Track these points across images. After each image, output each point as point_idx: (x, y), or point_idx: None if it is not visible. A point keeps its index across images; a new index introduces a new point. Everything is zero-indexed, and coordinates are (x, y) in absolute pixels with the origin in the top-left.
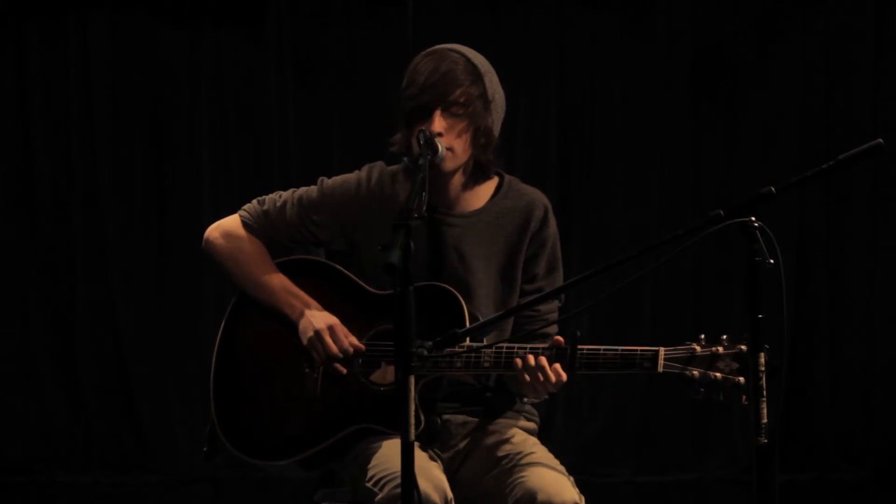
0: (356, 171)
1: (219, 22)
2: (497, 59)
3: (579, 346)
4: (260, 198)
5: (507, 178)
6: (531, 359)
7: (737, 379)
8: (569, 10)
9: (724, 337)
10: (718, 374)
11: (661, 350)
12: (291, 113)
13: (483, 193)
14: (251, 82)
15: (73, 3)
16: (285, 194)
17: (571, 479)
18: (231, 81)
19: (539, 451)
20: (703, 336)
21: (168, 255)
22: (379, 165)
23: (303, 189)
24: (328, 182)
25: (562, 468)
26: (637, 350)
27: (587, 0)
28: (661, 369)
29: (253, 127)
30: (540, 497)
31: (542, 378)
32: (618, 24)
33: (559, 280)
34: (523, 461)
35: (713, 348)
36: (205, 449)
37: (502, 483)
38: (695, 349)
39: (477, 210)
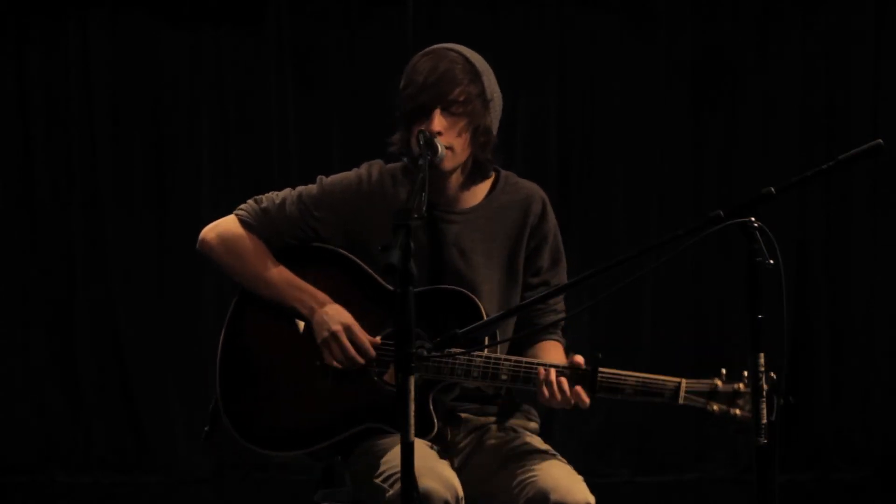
0: (355, 169)
1: (219, 22)
2: (497, 59)
3: (601, 369)
4: (256, 197)
5: (504, 173)
6: (553, 374)
7: None
8: (569, 10)
9: (746, 374)
10: (738, 412)
11: (684, 382)
12: (291, 113)
13: (480, 190)
14: (251, 82)
15: (74, 3)
16: (283, 193)
17: (581, 478)
18: (231, 81)
19: (545, 452)
20: (724, 371)
21: (168, 255)
22: (378, 163)
23: (301, 187)
24: (328, 179)
25: (570, 467)
26: (659, 379)
27: (587, 0)
28: (681, 401)
29: (253, 127)
30: (553, 497)
31: (559, 397)
32: (618, 24)
33: (563, 272)
34: (533, 460)
35: (735, 385)
36: (206, 428)
37: (512, 482)
38: (717, 385)
39: (475, 206)
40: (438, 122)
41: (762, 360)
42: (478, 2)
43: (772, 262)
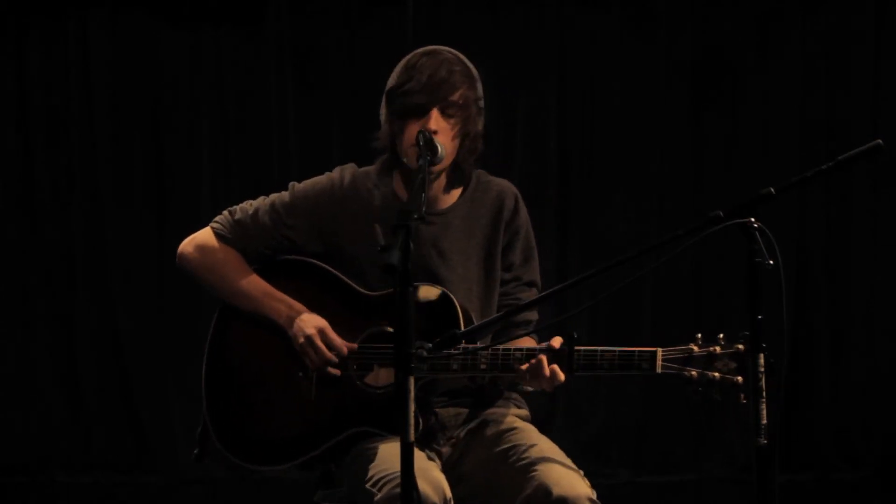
0: (327, 173)
1: (219, 22)
2: (497, 60)
3: (577, 347)
4: (231, 208)
5: (476, 171)
6: (532, 362)
7: (735, 378)
8: (569, 10)
9: (721, 336)
10: (716, 374)
11: (659, 351)
12: (291, 113)
13: (454, 190)
14: (251, 82)
15: (74, 3)
16: (256, 202)
17: (581, 472)
18: (231, 82)
19: (543, 443)
20: (699, 336)
21: (168, 255)
22: (351, 167)
23: (274, 195)
24: (299, 186)
25: (570, 461)
26: (635, 351)
27: (587, 0)
28: (659, 370)
29: (253, 127)
30: (556, 491)
31: (539, 378)
32: (618, 24)
33: (535, 268)
34: (532, 455)
35: (711, 348)
36: (195, 451)
37: (512, 477)
38: (692, 349)
39: (451, 207)
40: (435, 122)
41: (762, 361)
42: (478, 2)
43: (771, 262)
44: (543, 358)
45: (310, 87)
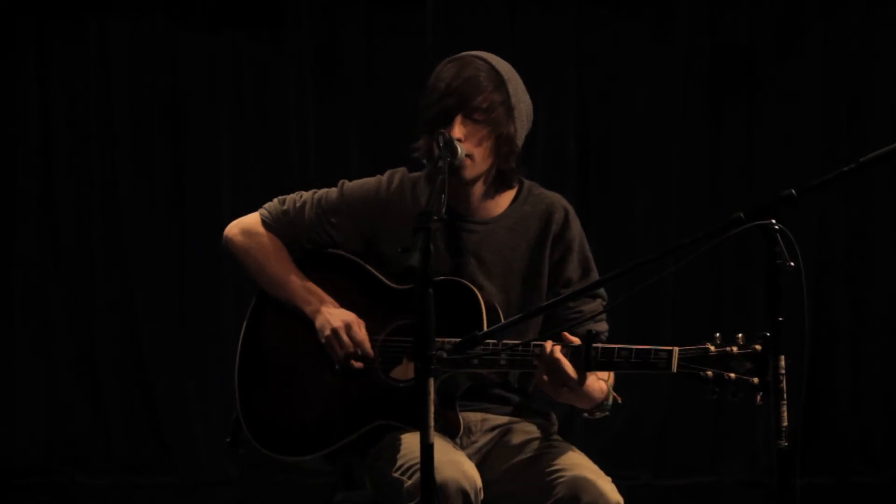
0: (377, 175)
1: (238, 26)
2: (515, 61)
3: (594, 345)
4: (281, 197)
5: (527, 183)
6: (548, 346)
7: (751, 379)
8: (587, 11)
9: (740, 336)
10: (732, 375)
11: (676, 350)
12: (310, 116)
13: (503, 200)
14: (271, 86)
15: (93, 9)
16: (306, 195)
17: (610, 479)
18: (250, 85)
19: (570, 451)
20: (718, 335)
21: (188, 259)
22: (401, 171)
23: (323, 190)
24: (348, 185)
25: (598, 468)
26: (651, 349)
27: (605, 1)
28: (675, 369)
29: (272, 131)
30: (585, 497)
31: (558, 373)
32: (636, 24)
33: (595, 279)
34: (559, 462)
35: (727, 348)
36: (228, 439)
37: (538, 485)
38: (709, 349)
39: (497, 216)
40: (459, 128)
41: (783, 363)
42: (495, 5)
43: (792, 264)
44: (558, 350)
45: (329, 90)
